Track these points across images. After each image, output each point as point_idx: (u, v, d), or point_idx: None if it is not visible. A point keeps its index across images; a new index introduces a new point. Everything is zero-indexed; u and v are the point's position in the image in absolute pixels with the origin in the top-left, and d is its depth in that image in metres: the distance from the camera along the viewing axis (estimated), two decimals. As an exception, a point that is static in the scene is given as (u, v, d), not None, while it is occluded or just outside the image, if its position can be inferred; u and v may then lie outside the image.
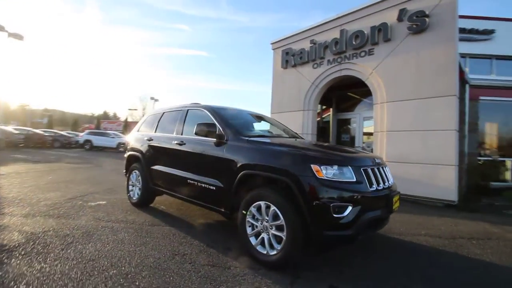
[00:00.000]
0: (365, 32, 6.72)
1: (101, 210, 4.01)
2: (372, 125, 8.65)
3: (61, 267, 2.22)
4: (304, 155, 2.38)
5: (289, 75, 8.74)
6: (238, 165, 2.70)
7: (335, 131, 9.50)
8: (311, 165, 2.24)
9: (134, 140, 4.69)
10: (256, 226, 2.53)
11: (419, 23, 5.85)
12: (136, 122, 12.14)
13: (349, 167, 2.31)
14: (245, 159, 2.68)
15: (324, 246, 2.25)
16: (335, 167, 2.26)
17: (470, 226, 4.14)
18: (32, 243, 2.67)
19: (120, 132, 24.67)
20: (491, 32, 10.97)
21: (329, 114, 9.74)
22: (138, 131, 4.83)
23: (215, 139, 3.06)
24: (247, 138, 2.92)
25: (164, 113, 4.36)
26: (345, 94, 9.05)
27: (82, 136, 20.44)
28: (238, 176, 2.66)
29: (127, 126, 32.05)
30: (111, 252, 2.58)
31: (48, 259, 2.36)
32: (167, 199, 4.70)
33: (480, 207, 5.50)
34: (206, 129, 3.04)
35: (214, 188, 2.95)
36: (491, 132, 8.78)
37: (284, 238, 2.28)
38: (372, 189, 2.34)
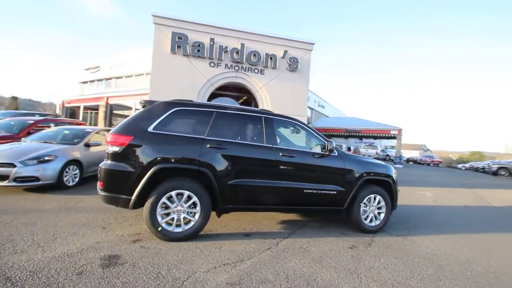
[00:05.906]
0: (261, 55, 8.65)
1: (153, 263, 2.76)
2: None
3: None
4: (388, 165, 4.36)
5: (181, 64, 8.22)
6: (359, 173, 3.95)
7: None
8: (393, 170, 4.33)
9: (169, 145, 3.25)
10: (366, 211, 4.06)
11: (294, 65, 8.94)
12: None
13: None
14: (362, 168, 4.00)
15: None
16: None
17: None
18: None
19: None
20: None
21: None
22: (152, 129, 3.27)
23: (322, 152, 3.88)
24: (345, 151, 4.18)
25: (216, 112, 3.59)
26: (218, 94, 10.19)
27: None
28: (361, 180, 3.94)
29: None
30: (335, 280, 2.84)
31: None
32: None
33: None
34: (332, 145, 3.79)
35: (335, 192, 3.83)
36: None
37: (383, 213, 4.13)
38: None
